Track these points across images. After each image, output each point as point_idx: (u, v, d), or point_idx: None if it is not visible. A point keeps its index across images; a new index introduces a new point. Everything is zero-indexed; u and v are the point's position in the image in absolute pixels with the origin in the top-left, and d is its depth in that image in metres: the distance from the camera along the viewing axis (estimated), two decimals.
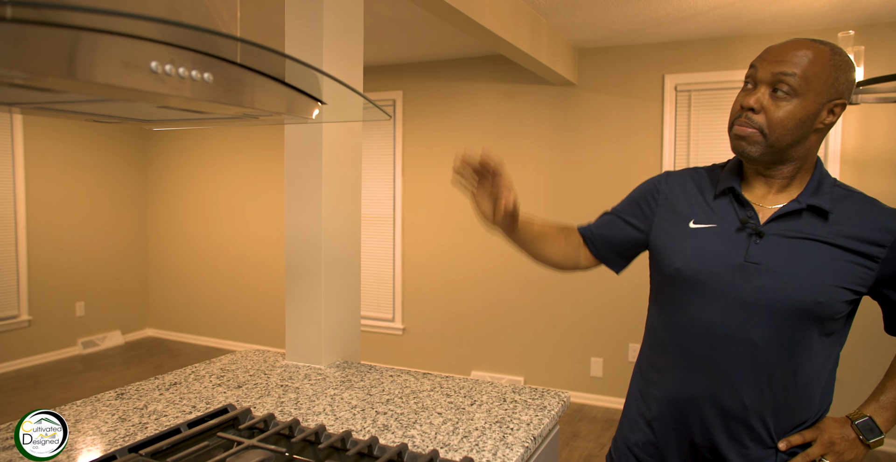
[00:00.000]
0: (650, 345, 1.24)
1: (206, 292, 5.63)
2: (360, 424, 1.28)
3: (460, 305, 4.56)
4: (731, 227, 1.12)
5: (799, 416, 1.12)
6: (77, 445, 1.16)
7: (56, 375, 4.70)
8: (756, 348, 1.08)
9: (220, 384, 1.54)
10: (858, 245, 1.06)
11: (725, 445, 1.12)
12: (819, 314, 1.06)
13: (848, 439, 1.12)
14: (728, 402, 1.10)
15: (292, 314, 1.77)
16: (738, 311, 1.09)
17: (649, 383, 1.22)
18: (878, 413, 1.14)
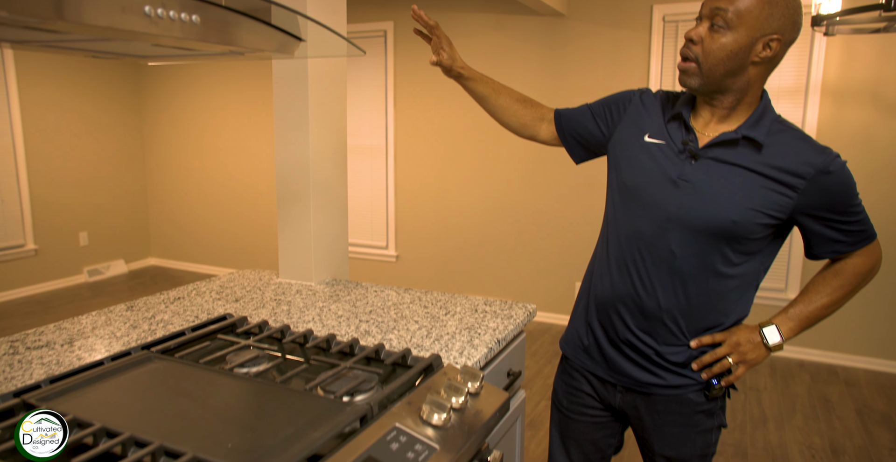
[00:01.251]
0: (598, 254, 1.41)
1: (205, 222, 5.78)
2: (345, 330, 1.45)
3: (452, 233, 4.72)
4: (674, 148, 1.25)
5: (710, 320, 1.28)
6: (96, 346, 1.32)
7: (65, 301, 4.92)
8: (674, 257, 1.23)
9: (220, 298, 1.70)
10: (781, 175, 1.17)
11: (643, 339, 1.30)
12: (734, 233, 1.19)
13: (753, 342, 1.28)
14: (646, 302, 1.28)
15: (284, 236, 1.91)
16: (663, 223, 1.23)
17: (592, 286, 1.40)
18: (784, 323, 1.30)
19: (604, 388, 1.40)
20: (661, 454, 1.38)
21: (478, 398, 1.12)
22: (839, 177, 1.18)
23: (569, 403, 1.47)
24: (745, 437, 2.85)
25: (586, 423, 1.46)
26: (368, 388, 1.12)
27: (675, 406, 1.33)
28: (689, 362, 1.30)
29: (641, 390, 1.35)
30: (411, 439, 0.95)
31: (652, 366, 1.32)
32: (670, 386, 1.32)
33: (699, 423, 1.33)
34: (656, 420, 1.35)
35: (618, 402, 1.39)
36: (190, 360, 1.18)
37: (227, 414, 1.00)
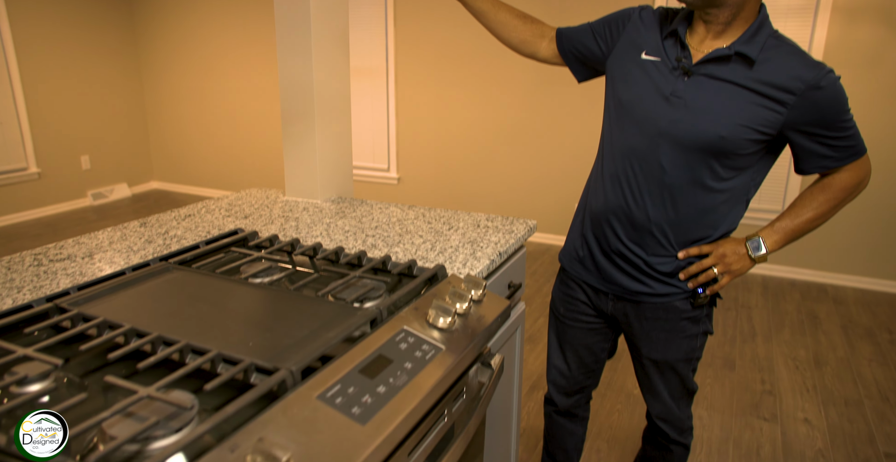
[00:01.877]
0: (594, 170, 1.46)
1: (207, 145, 5.77)
2: (352, 244, 1.51)
3: (453, 155, 4.73)
4: (669, 64, 1.27)
5: (698, 233, 1.34)
6: (115, 259, 1.38)
7: (72, 224, 4.99)
8: (664, 171, 1.28)
9: (229, 215, 1.75)
10: (772, 91, 1.19)
11: (632, 250, 1.37)
12: (723, 148, 1.22)
13: (738, 254, 1.34)
14: (636, 213, 1.34)
15: (289, 155, 1.94)
16: (654, 138, 1.27)
17: (587, 201, 1.47)
18: (769, 236, 1.35)
19: (597, 297, 1.49)
20: (647, 357, 1.48)
21: (480, 305, 1.18)
22: (830, 92, 1.18)
23: (565, 310, 1.56)
24: (733, 350, 2.98)
25: (581, 329, 1.56)
26: (377, 296, 1.18)
27: (662, 313, 1.41)
28: (677, 272, 1.37)
29: (631, 298, 1.43)
30: (418, 340, 1.02)
31: (641, 275, 1.39)
32: (658, 294, 1.39)
33: (685, 329, 1.42)
34: (644, 326, 1.44)
35: (610, 309, 1.48)
36: (206, 271, 1.24)
37: (246, 318, 1.07)
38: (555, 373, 1.66)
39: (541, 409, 2.48)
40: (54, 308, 1.04)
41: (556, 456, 1.78)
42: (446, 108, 4.63)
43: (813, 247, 3.86)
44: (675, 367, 1.47)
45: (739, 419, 2.42)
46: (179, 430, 0.77)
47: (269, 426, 0.76)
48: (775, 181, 3.83)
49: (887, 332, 3.18)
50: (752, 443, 2.28)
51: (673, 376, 1.49)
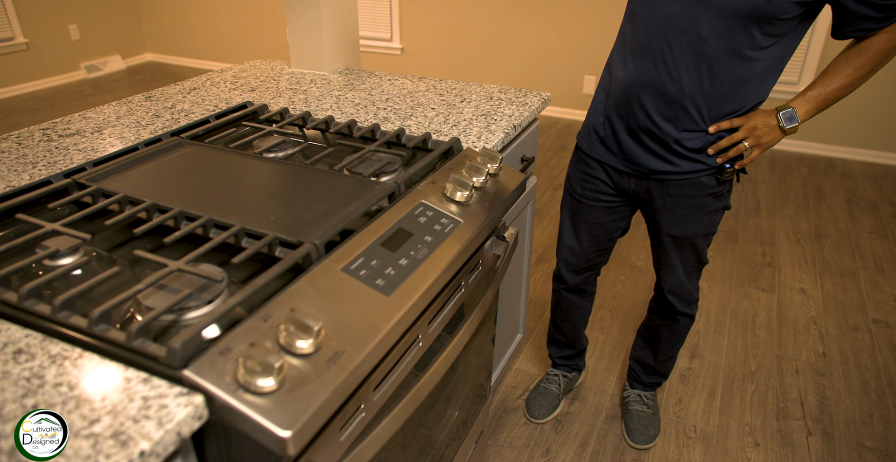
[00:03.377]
0: (617, 45, 1.38)
1: (201, 13, 5.50)
2: (364, 117, 1.48)
3: (458, 23, 4.51)
4: None
5: (730, 105, 1.29)
6: (125, 134, 1.36)
7: (69, 98, 4.88)
8: (702, 40, 1.21)
9: (235, 88, 1.70)
10: None
11: (662, 127, 1.32)
12: (767, 12, 1.14)
13: (769, 126, 1.30)
14: (670, 87, 1.27)
15: (293, 23, 1.85)
16: (693, 5, 1.19)
17: (611, 75, 1.40)
18: (801, 105, 1.31)
19: (619, 176, 1.47)
20: (668, 234, 1.48)
21: (497, 178, 1.18)
22: None
23: (582, 189, 1.54)
24: (737, 224, 3.03)
25: (598, 208, 1.55)
26: (393, 170, 1.18)
27: (686, 189, 1.40)
28: (705, 148, 1.33)
29: (656, 177, 1.41)
30: (437, 214, 1.03)
31: (669, 154, 1.35)
32: (684, 172, 1.37)
33: (707, 205, 1.42)
34: (668, 202, 1.43)
35: (632, 187, 1.46)
36: (219, 146, 1.23)
37: (264, 192, 1.07)
38: (566, 252, 1.67)
39: (547, 279, 2.56)
40: (73, 184, 1.04)
41: (563, 328, 1.85)
42: None
43: (822, 120, 3.78)
44: (694, 241, 1.48)
45: (738, 290, 2.51)
46: (211, 301, 0.79)
47: (298, 297, 0.78)
48: None
49: (890, 206, 3.21)
50: (748, 311, 2.37)
51: (690, 251, 1.51)
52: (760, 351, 2.17)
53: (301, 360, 0.70)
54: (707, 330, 2.27)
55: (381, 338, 0.78)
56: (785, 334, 2.25)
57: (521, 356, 2.14)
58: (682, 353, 2.16)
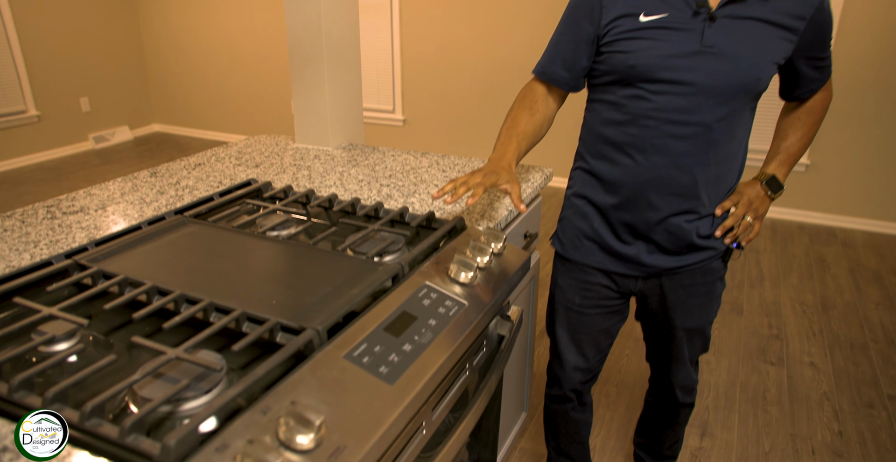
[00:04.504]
0: (598, 141, 1.30)
1: (208, 86, 5.66)
2: (367, 194, 1.49)
3: (460, 95, 4.63)
4: (683, 14, 1.14)
5: (729, 184, 1.29)
6: (128, 211, 1.37)
7: (76, 168, 4.95)
8: (709, 128, 1.18)
9: (240, 164, 1.72)
10: (788, 20, 1.14)
11: (680, 222, 1.25)
12: (757, 90, 1.18)
13: (760, 196, 1.32)
14: (682, 180, 1.22)
15: (299, 100, 1.89)
16: (693, 97, 1.16)
17: (600, 177, 1.30)
18: (778, 170, 1.35)
19: (623, 279, 1.36)
20: (682, 327, 1.38)
21: (501, 258, 1.17)
22: (828, 12, 1.19)
23: (582, 299, 1.41)
24: (741, 295, 3.00)
25: (600, 315, 1.43)
26: (396, 250, 1.17)
27: (699, 277, 1.33)
28: (712, 232, 1.29)
29: (667, 274, 1.33)
30: (441, 296, 1.02)
31: (682, 248, 1.29)
32: (696, 262, 1.31)
33: (717, 289, 1.38)
34: (680, 294, 1.35)
35: (638, 287, 1.37)
36: (222, 224, 1.23)
37: (267, 274, 1.06)
38: (570, 370, 1.50)
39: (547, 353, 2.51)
40: (74, 265, 1.03)
41: (570, 451, 1.66)
42: (454, 46, 4.51)
43: (822, 190, 3.82)
44: (705, 330, 1.41)
45: (746, 363, 2.45)
46: (209, 391, 0.77)
47: (300, 388, 0.76)
48: None
49: (895, 276, 3.19)
50: (758, 386, 2.32)
51: (700, 340, 1.43)
52: (773, 429, 2.10)
53: (301, 457, 0.67)
54: (717, 406, 2.21)
55: (385, 430, 0.75)
56: (798, 411, 2.19)
57: (525, 435, 2.07)
58: (692, 430, 2.09)
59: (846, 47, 3.52)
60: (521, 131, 1.31)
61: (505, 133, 1.32)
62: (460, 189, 1.14)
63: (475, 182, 1.15)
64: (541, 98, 1.35)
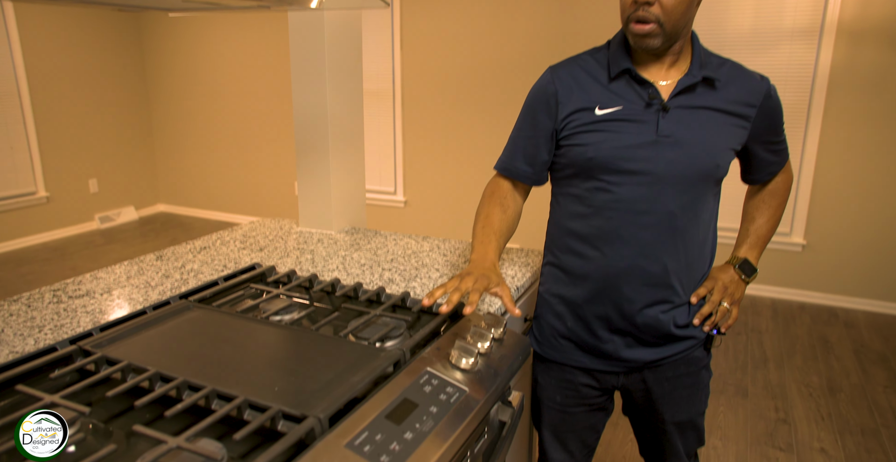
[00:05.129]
0: (564, 235, 1.31)
1: (213, 168, 5.80)
2: (369, 278, 1.51)
3: (461, 178, 4.74)
4: (637, 106, 1.18)
5: (701, 270, 1.30)
6: (134, 295, 1.39)
7: (80, 248, 5.00)
8: (674, 216, 1.20)
9: (245, 248, 1.75)
10: (738, 108, 1.21)
11: (655, 313, 1.25)
12: (717, 175, 1.22)
13: (735, 281, 1.33)
14: (653, 268, 1.22)
15: (304, 186, 1.95)
16: (654, 186, 1.18)
17: (569, 271, 1.30)
18: (749, 253, 1.38)
19: (604, 375, 1.35)
20: (671, 421, 1.36)
21: (501, 343, 1.18)
22: (776, 99, 1.25)
23: (564, 398, 1.39)
24: (745, 377, 2.96)
25: (584, 412, 1.40)
26: (398, 335, 1.18)
27: (683, 368, 1.32)
28: (690, 321, 1.29)
29: (649, 367, 1.32)
30: (443, 382, 1.02)
31: (661, 339, 1.28)
32: (678, 352, 1.30)
33: (703, 379, 1.35)
34: (665, 387, 1.33)
35: (620, 382, 1.35)
36: (226, 309, 1.24)
37: (269, 360, 1.06)
38: None
39: None
40: (78, 351, 1.04)
41: None
42: (453, 129, 4.66)
43: (820, 269, 3.85)
44: (696, 422, 1.38)
45: (755, 449, 2.39)
46: None
47: None
48: None
49: None
50: None
51: (692, 433, 1.39)
52: None
53: None
54: None
55: None
56: None
57: None
58: None
59: (834, 132, 3.64)
60: (497, 229, 1.32)
61: (481, 231, 1.31)
62: (454, 295, 1.10)
63: (467, 287, 1.12)
64: (509, 193, 1.38)
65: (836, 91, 3.58)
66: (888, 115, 3.52)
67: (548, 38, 4.16)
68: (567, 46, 4.09)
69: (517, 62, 4.27)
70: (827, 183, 3.72)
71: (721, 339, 1.34)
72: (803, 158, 3.74)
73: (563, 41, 4.11)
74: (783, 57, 3.65)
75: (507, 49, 4.32)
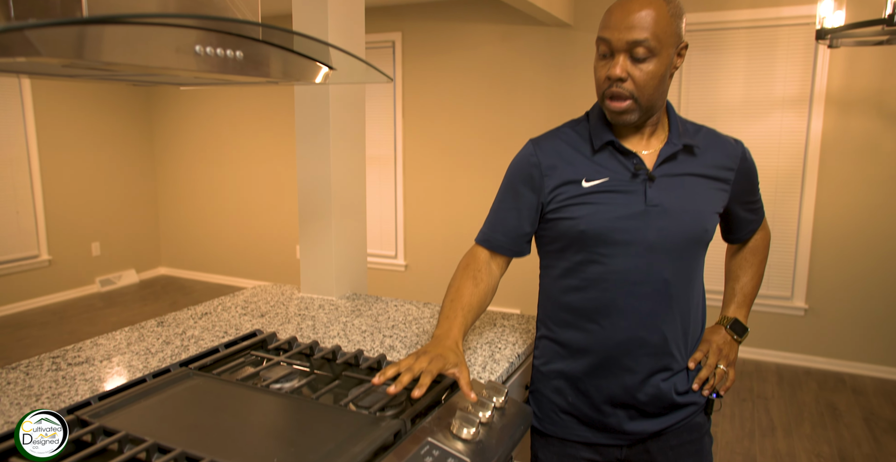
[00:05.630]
0: (558, 308, 1.30)
1: (215, 232, 5.85)
2: (370, 345, 1.50)
3: (461, 242, 4.77)
4: (623, 177, 1.19)
5: (696, 332, 1.30)
6: (133, 362, 1.38)
7: (79, 311, 4.98)
8: (668, 284, 1.20)
9: (246, 314, 1.75)
10: (718, 172, 1.24)
11: (657, 383, 1.24)
12: (706, 240, 1.24)
13: (728, 342, 1.34)
14: (652, 338, 1.21)
15: (306, 252, 1.97)
16: (647, 255, 1.18)
17: (567, 345, 1.28)
18: (738, 313, 1.39)
19: (607, 449, 1.32)
20: None
21: (503, 412, 1.16)
22: (751, 161, 1.30)
23: None
24: (753, 446, 2.89)
25: None
26: (399, 404, 1.16)
27: (686, 435, 1.30)
28: (689, 387, 1.28)
29: (651, 437, 1.30)
30: (444, 453, 1.00)
31: (664, 409, 1.26)
32: (680, 420, 1.29)
33: (705, 446, 1.33)
34: (670, 456, 1.30)
35: (623, 455, 1.32)
36: (227, 377, 1.24)
37: (269, 429, 1.05)
38: None
39: None
40: (75, 420, 1.03)
41: None
42: (454, 194, 4.73)
43: (824, 334, 3.81)
44: None
45: None
46: None
47: None
48: (783, 268, 3.84)
49: None
50: None
51: None
52: None
53: None
54: None
55: None
56: None
57: None
58: None
59: (829, 196, 3.69)
60: (465, 303, 1.27)
61: (449, 305, 1.27)
62: (405, 376, 1.06)
63: (420, 368, 1.07)
64: (484, 266, 1.34)
65: (829, 157, 3.66)
66: (881, 179, 3.58)
67: (545, 106, 4.28)
68: (565, 114, 4.21)
69: (515, 129, 4.38)
70: (825, 246, 3.74)
71: (720, 402, 1.33)
72: (801, 222, 3.77)
73: (560, 109, 4.23)
74: (775, 124, 3.75)
75: (505, 117, 4.44)
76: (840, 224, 3.70)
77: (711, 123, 1.48)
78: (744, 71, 3.76)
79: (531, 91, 4.33)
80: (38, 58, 0.69)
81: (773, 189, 3.76)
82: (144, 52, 0.85)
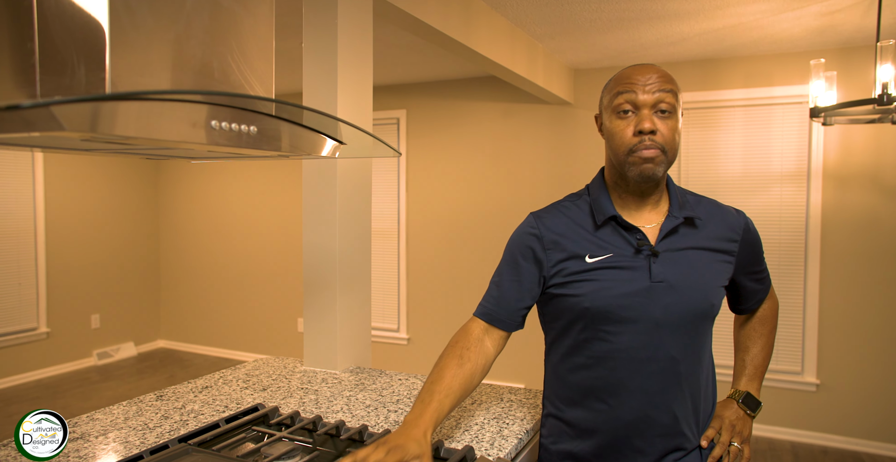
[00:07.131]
0: (565, 386, 1.27)
1: (216, 305, 5.81)
2: (374, 420, 1.46)
3: (464, 316, 4.72)
4: (626, 253, 1.17)
5: (707, 410, 1.26)
6: (130, 439, 1.34)
7: (74, 385, 4.88)
8: (676, 361, 1.17)
9: (247, 387, 1.71)
10: (722, 244, 1.23)
11: (666, 461, 1.20)
12: (712, 314, 1.22)
13: (741, 417, 1.29)
14: (662, 418, 1.17)
15: (310, 325, 1.95)
16: (653, 332, 1.15)
17: (575, 425, 1.25)
18: (750, 386, 1.34)
19: None
20: None
21: None
22: (754, 231, 1.29)
23: None
24: None
25: None
26: None
27: None
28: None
29: None
30: None
31: None
32: None
33: None
34: None
35: None
36: (227, 453, 1.20)
37: None
38: None
39: None
40: None
41: None
42: (457, 268, 4.72)
43: (838, 411, 3.71)
44: None
45: None
46: None
47: None
48: (791, 342, 3.78)
49: None
50: None
51: None
52: None
53: None
54: None
55: None
56: None
57: None
58: None
59: (834, 269, 3.68)
60: (445, 386, 1.17)
61: (427, 388, 1.18)
62: None
63: (375, 460, 0.99)
64: (474, 344, 1.24)
65: (831, 230, 3.68)
66: (883, 252, 3.58)
67: (546, 181, 4.35)
68: (565, 188, 4.27)
69: (517, 203, 4.43)
70: (833, 319, 3.70)
71: None
72: (807, 295, 3.75)
73: (560, 183, 4.29)
74: (775, 198, 3.79)
75: (508, 191, 4.51)
76: (847, 296, 3.67)
77: (712, 196, 1.49)
78: (742, 147, 3.84)
79: (532, 166, 4.41)
80: (60, 132, 0.71)
81: (777, 262, 3.76)
82: (163, 127, 0.87)
